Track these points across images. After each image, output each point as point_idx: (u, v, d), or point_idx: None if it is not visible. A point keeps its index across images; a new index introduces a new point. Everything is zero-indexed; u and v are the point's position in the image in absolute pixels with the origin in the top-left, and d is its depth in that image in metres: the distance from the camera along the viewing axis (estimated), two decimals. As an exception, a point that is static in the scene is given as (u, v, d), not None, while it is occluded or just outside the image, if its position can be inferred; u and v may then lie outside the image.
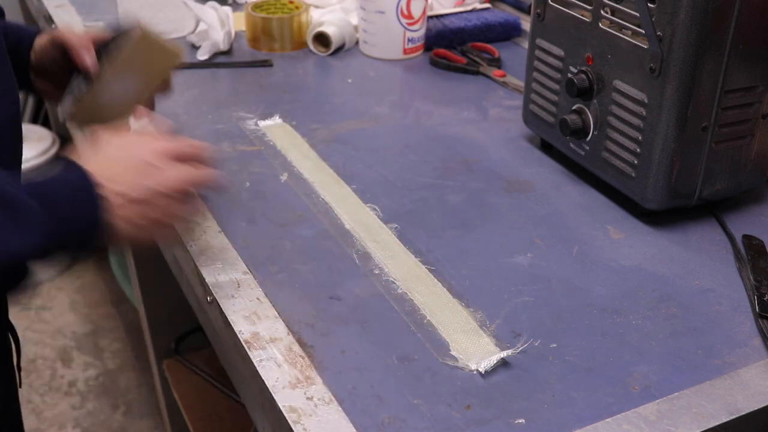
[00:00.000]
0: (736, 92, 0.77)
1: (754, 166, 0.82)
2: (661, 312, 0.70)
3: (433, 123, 1.03)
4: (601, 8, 0.81)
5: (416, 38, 1.23)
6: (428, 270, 0.74)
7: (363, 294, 0.71)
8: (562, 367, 0.63)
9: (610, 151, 0.83)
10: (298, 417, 0.58)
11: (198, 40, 1.23)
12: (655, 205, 0.80)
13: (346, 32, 1.24)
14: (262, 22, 1.22)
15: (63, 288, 2.22)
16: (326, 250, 0.77)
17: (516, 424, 0.58)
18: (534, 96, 0.94)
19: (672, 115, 0.76)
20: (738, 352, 0.65)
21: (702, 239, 0.81)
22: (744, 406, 0.60)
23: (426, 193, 0.87)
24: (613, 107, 0.82)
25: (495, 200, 0.86)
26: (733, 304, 0.71)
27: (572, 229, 0.81)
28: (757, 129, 0.80)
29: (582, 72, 0.84)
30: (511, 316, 0.69)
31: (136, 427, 1.79)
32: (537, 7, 0.90)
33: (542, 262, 0.76)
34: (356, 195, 0.86)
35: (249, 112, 1.03)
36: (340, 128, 1.01)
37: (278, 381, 0.61)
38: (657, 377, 0.63)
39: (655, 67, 0.75)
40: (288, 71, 1.18)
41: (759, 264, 0.75)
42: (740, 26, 0.73)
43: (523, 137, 1.00)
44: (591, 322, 0.69)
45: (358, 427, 0.57)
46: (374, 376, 0.62)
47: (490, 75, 1.16)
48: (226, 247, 0.77)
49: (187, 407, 1.47)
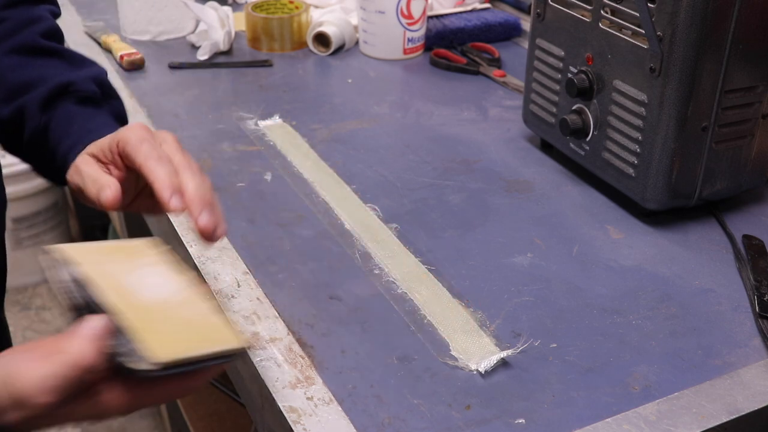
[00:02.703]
0: (736, 92, 0.77)
1: (754, 166, 0.82)
2: (661, 312, 0.70)
3: (433, 123, 1.03)
4: (601, 8, 0.81)
5: (416, 38, 1.23)
6: (428, 270, 0.74)
7: (363, 294, 0.71)
8: (562, 367, 0.63)
9: (610, 151, 0.83)
10: (298, 417, 0.58)
11: (198, 40, 1.23)
12: (655, 205, 0.80)
13: (346, 32, 1.24)
14: (262, 22, 1.22)
15: (63, 288, 2.22)
16: (326, 250, 0.77)
17: (516, 424, 0.58)
18: (534, 96, 0.94)
19: (672, 115, 0.76)
20: (738, 352, 0.65)
21: (702, 239, 0.81)
22: (744, 406, 0.60)
23: (426, 193, 0.87)
24: (613, 107, 0.82)
25: (495, 200, 0.86)
26: (733, 304, 0.71)
27: (572, 229, 0.82)
28: (757, 129, 0.80)
29: (582, 72, 0.84)
30: (511, 316, 0.69)
31: (136, 427, 1.79)
32: (537, 7, 0.90)
33: (542, 262, 0.76)
34: (356, 195, 0.86)
35: (249, 112, 1.03)
36: (340, 128, 1.01)
37: (278, 381, 0.61)
38: (657, 377, 0.63)
39: (655, 67, 0.75)
40: (288, 71, 1.18)
41: (759, 264, 0.75)
42: (740, 26, 0.73)
43: (523, 137, 1.00)
44: (591, 322, 0.69)
45: (358, 427, 0.57)
46: (374, 376, 0.62)
47: (490, 75, 1.16)
48: (226, 247, 0.77)
49: (187, 407, 1.47)
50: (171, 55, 1.21)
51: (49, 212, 2.18)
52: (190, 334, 0.52)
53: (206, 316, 0.54)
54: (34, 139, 0.71)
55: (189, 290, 0.56)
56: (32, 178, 2.06)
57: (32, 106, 0.70)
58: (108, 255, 0.57)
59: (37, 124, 0.70)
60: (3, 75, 0.72)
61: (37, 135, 0.71)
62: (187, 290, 0.56)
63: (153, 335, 0.50)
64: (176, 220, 0.80)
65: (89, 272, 0.53)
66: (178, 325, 0.53)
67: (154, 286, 0.55)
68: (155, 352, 0.49)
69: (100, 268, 0.54)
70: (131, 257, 0.57)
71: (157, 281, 0.55)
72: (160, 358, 0.49)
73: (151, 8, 1.24)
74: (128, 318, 0.50)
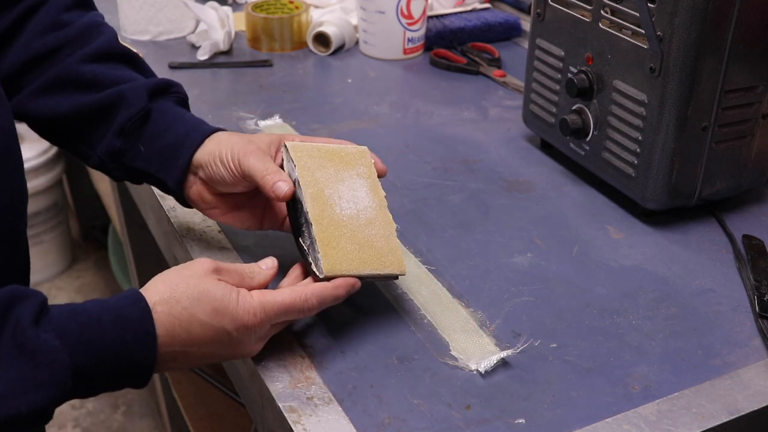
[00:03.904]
0: (736, 92, 0.77)
1: (754, 166, 0.82)
2: (661, 312, 0.70)
3: (433, 123, 1.03)
4: (601, 8, 0.81)
5: (416, 38, 1.23)
6: (428, 270, 0.74)
7: (363, 294, 0.71)
8: (562, 367, 0.63)
9: (610, 151, 0.83)
10: (298, 417, 0.58)
11: (198, 40, 1.23)
12: (655, 205, 0.80)
13: (346, 32, 1.24)
14: (262, 22, 1.22)
15: (63, 288, 2.22)
16: (326, 250, 0.77)
17: (516, 424, 0.58)
18: (534, 96, 0.94)
19: (672, 115, 0.76)
20: (738, 352, 0.65)
21: (702, 239, 0.81)
22: (744, 406, 0.60)
23: (426, 193, 0.87)
24: (613, 107, 0.82)
25: (495, 200, 0.86)
26: (733, 304, 0.71)
27: (572, 229, 0.81)
28: (757, 129, 0.80)
29: (582, 72, 0.84)
30: (511, 316, 0.69)
31: (136, 427, 1.79)
32: (537, 7, 0.90)
33: (542, 262, 0.76)
34: (356, 195, 0.86)
35: (249, 112, 1.03)
36: (340, 128, 1.01)
37: (278, 381, 0.61)
38: (657, 377, 0.63)
39: (655, 67, 0.75)
40: (288, 71, 1.18)
41: (759, 264, 0.75)
42: (740, 26, 0.73)
43: (523, 137, 1.00)
44: (591, 322, 0.69)
45: (358, 427, 0.57)
46: (374, 376, 0.62)
47: (490, 75, 1.16)
48: (226, 247, 0.77)
49: (187, 407, 1.47)
50: (171, 55, 1.21)
51: (49, 212, 2.18)
52: (364, 253, 0.64)
53: (383, 239, 0.65)
54: (131, 123, 0.70)
55: (376, 210, 0.66)
56: (32, 178, 2.06)
57: (138, 91, 0.71)
58: (324, 160, 0.67)
59: (140, 108, 0.70)
60: (95, 76, 0.72)
61: (138, 120, 0.70)
62: (375, 210, 0.66)
63: (333, 250, 0.63)
64: (176, 221, 0.80)
65: (303, 176, 0.65)
66: (358, 242, 0.64)
67: (350, 200, 0.66)
68: (328, 266, 0.62)
69: (312, 175, 0.66)
70: (342, 166, 0.68)
71: (354, 196, 0.66)
72: (330, 272, 0.62)
73: (151, 8, 1.24)
74: (320, 230, 0.63)
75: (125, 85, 0.72)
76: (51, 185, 2.15)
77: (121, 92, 0.71)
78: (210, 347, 0.59)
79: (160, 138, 0.70)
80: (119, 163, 0.72)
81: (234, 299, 0.58)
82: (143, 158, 0.71)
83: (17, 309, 0.51)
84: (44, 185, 2.11)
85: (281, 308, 0.60)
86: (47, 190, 2.14)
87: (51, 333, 0.51)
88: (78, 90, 0.72)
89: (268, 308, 0.59)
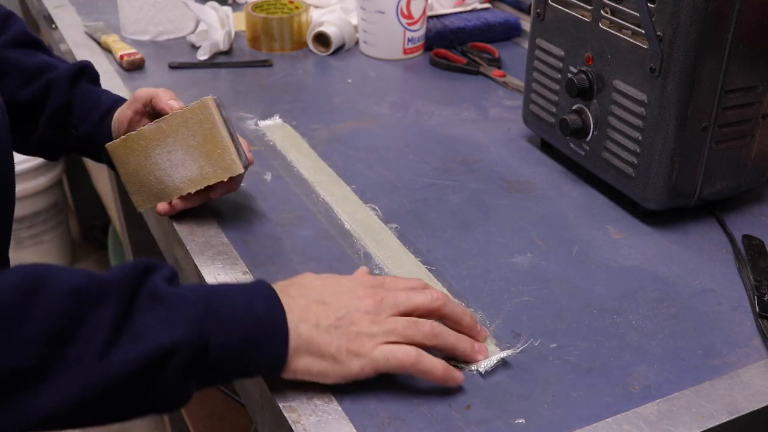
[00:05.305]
0: (736, 92, 0.77)
1: (754, 166, 0.82)
2: (661, 312, 0.70)
3: (433, 123, 1.03)
4: (601, 8, 0.81)
5: (416, 38, 1.23)
6: (428, 270, 0.74)
7: (363, 294, 0.71)
8: (562, 367, 0.63)
9: (610, 151, 0.83)
10: (298, 417, 0.58)
11: (198, 40, 1.23)
12: (655, 205, 0.80)
13: (346, 32, 1.24)
14: (262, 22, 1.22)
15: (63, 288, 2.22)
16: (326, 250, 0.77)
17: (516, 424, 0.58)
18: (534, 96, 0.94)
19: (672, 115, 0.76)
20: (738, 352, 0.65)
21: (702, 239, 0.81)
22: (744, 406, 0.60)
23: (426, 193, 0.87)
24: (613, 107, 0.82)
25: (495, 200, 0.86)
26: (733, 304, 0.71)
27: (572, 229, 0.82)
28: (757, 129, 0.80)
29: (582, 72, 0.84)
30: (511, 316, 0.69)
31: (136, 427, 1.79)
32: (537, 7, 0.90)
33: (542, 262, 0.76)
34: (356, 195, 0.86)
35: (249, 112, 1.03)
36: (340, 128, 1.01)
37: (278, 381, 0.61)
38: (657, 377, 0.63)
39: (655, 67, 0.75)
40: (288, 71, 1.18)
41: (759, 264, 0.75)
42: (740, 26, 0.73)
43: (523, 137, 1.00)
44: (591, 322, 0.69)
45: (358, 427, 0.57)
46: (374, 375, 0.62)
47: (490, 75, 1.16)
48: (226, 247, 0.77)
49: (187, 407, 1.47)
50: (171, 55, 1.21)
51: (49, 212, 2.18)
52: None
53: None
54: (58, 114, 0.83)
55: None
56: (32, 178, 2.06)
57: (61, 81, 0.82)
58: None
59: (64, 100, 0.82)
60: (18, 62, 0.83)
61: (62, 109, 0.82)
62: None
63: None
64: (177, 222, 0.80)
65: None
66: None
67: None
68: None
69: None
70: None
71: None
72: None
73: (151, 8, 1.24)
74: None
75: (50, 75, 0.82)
76: (51, 185, 2.15)
77: (48, 84, 0.82)
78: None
79: (84, 121, 0.83)
80: (51, 149, 0.86)
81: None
82: (74, 139, 0.84)
83: (153, 274, 0.55)
84: (44, 185, 2.11)
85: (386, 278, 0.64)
86: (47, 190, 2.14)
87: (184, 289, 0.56)
88: (6, 76, 0.82)
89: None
